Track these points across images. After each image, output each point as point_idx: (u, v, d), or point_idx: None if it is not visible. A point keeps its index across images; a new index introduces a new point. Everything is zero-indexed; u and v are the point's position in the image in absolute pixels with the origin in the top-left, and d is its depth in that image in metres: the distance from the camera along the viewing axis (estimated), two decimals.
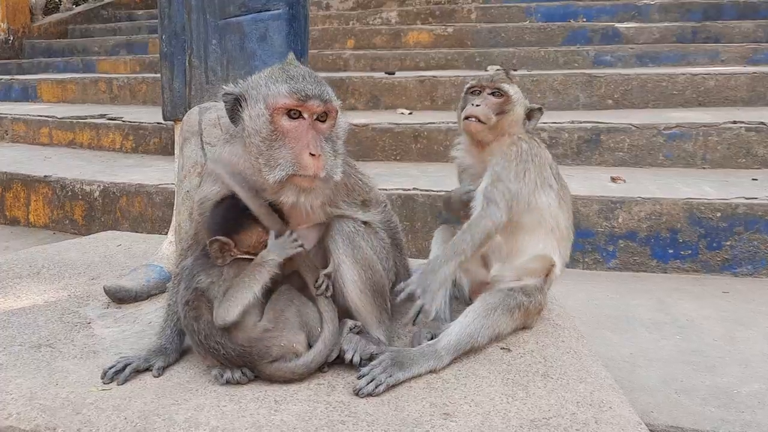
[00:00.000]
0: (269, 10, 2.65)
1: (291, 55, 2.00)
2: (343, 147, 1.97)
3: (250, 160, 1.89)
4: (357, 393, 1.83)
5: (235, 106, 1.92)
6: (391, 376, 1.88)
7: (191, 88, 2.74)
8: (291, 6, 2.68)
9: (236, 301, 1.83)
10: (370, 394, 1.82)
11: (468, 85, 2.31)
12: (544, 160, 2.26)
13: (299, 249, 1.92)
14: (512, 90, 2.25)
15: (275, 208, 1.95)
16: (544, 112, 2.35)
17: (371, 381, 1.85)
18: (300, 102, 1.83)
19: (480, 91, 2.26)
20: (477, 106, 2.20)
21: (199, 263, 1.96)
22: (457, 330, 2.05)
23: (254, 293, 1.84)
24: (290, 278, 2.00)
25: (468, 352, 2.06)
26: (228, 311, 1.83)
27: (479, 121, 2.19)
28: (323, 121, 1.89)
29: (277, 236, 1.93)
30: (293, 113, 1.85)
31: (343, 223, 2.05)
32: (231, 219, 1.92)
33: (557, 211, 2.26)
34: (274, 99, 1.84)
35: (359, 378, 1.87)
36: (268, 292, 1.92)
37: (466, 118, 2.21)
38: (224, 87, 1.94)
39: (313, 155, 1.81)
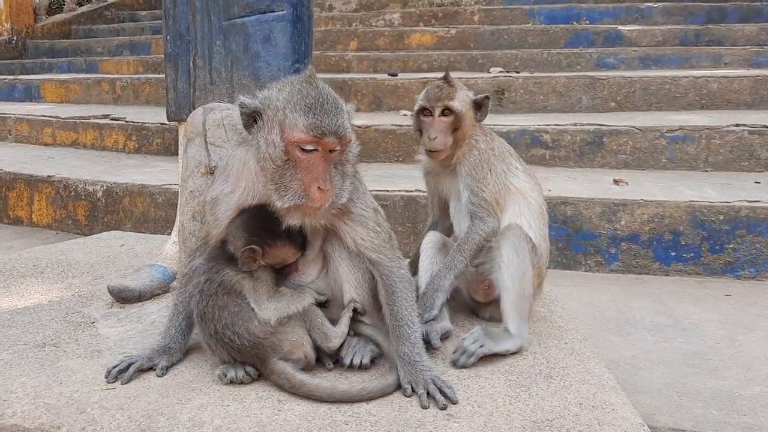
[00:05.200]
0: (273, 11, 2.65)
1: (310, 70, 1.93)
2: (353, 168, 1.97)
3: (263, 178, 1.90)
4: (454, 364, 2.03)
5: (250, 118, 1.90)
6: (482, 346, 2.05)
7: (195, 89, 2.75)
8: (295, 7, 2.68)
9: (280, 310, 1.91)
10: (464, 366, 2.01)
11: (418, 108, 2.40)
12: (503, 148, 2.42)
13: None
14: (459, 104, 2.34)
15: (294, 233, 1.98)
16: (491, 98, 2.46)
17: (464, 353, 2.04)
18: (316, 139, 1.81)
19: (431, 113, 2.36)
20: (434, 139, 2.32)
21: (222, 261, 1.98)
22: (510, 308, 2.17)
23: (297, 309, 1.94)
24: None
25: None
26: (277, 312, 1.90)
27: (438, 150, 2.34)
28: (335, 151, 1.87)
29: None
30: (308, 147, 1.83)
31: None
32: (263, 230, 1.94)
33: (528, 186, 2.38)
34: (290, 131, 1.81)
35: (454, 353, 2.06)
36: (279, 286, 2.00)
37: (428, 150, 2.36)
38: (241, 97, 1.90)
39: (321, 189, 1.81)
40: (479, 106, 2.41)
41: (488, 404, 1.79)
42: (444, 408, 1.77)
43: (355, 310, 2.04)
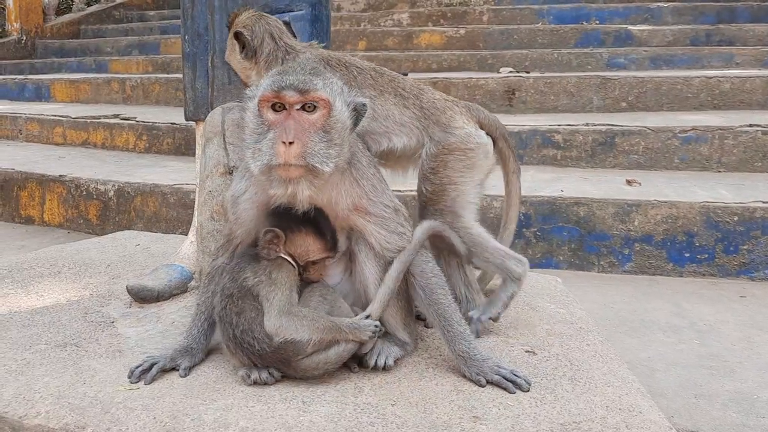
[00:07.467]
0: (292, 11, 2.65)
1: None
2: (343, 139, 1.86)
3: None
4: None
5: None
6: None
7: (214, 89, 2.75)
8: (314, 7, 2.69)
9: (293, 330, 1.84)
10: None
11: None
12: None
13: (375, 336, 1.91)
14: None
15: (324, 229, 1.97)
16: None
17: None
18: (275, 93, 1.81)
19: None
20: None
21: (245, 259, 1.97)
22: None
23: (313, 338, 1.84)
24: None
25: None
26: (282, 330, 1.84)
27: None
28: (311, 112, 1.83)
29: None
30: (277, 106, 1.83)
31: None
32: (290, 218, 1.93)
33: None
34: (261, 92, 1.84)
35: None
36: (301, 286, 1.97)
37: None
38: (246, 91, 1.93)
39: (284, 143, 1.76)
40: None
41: (514, 406, 1.78)
42: (528, 390, 1.86)
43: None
